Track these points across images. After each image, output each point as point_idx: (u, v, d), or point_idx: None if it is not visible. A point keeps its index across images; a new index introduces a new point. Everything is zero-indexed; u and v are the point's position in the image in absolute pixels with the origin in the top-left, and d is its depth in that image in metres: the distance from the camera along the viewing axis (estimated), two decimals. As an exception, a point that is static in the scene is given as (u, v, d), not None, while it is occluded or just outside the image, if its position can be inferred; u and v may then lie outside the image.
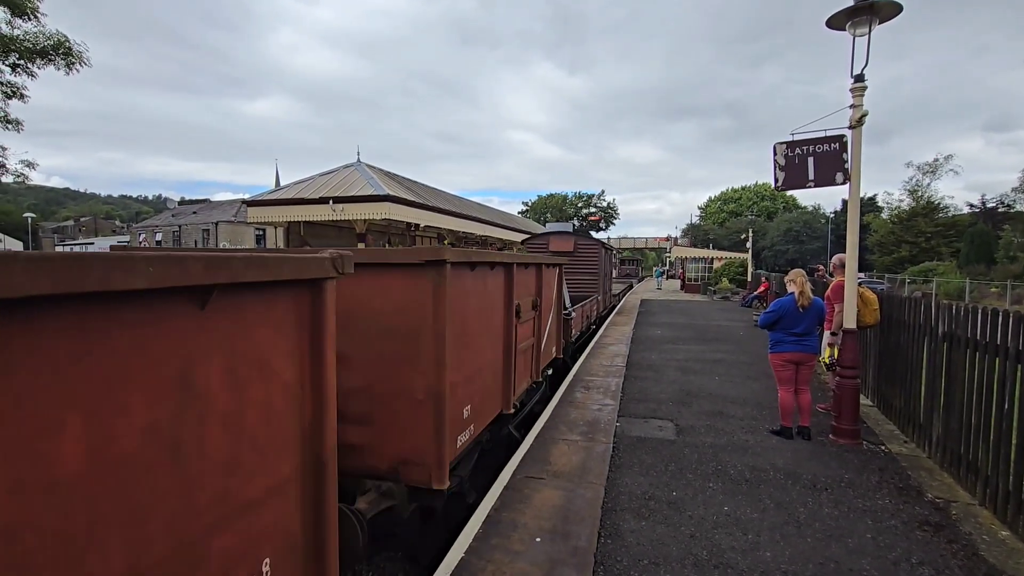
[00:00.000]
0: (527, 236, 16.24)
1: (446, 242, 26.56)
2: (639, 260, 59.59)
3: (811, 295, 5.08)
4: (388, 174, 20.69)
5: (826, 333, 5.72)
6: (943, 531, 3.39)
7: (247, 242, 52.01)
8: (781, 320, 5.09)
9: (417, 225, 19.96)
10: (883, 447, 4.94)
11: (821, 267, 15.18)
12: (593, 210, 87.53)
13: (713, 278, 29.12)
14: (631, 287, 31.44)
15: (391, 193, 16.70)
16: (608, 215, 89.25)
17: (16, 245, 66.26)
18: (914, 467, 4.46)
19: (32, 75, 11.19)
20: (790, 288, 5.19)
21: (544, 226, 59.38)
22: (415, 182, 23.55)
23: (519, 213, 76.73)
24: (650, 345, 10.70)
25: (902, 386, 5.39)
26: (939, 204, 46.93)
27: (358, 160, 19.72)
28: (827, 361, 5.53)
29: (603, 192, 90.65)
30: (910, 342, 5.19)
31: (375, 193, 16.64)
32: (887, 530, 3.40)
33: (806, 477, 4.22)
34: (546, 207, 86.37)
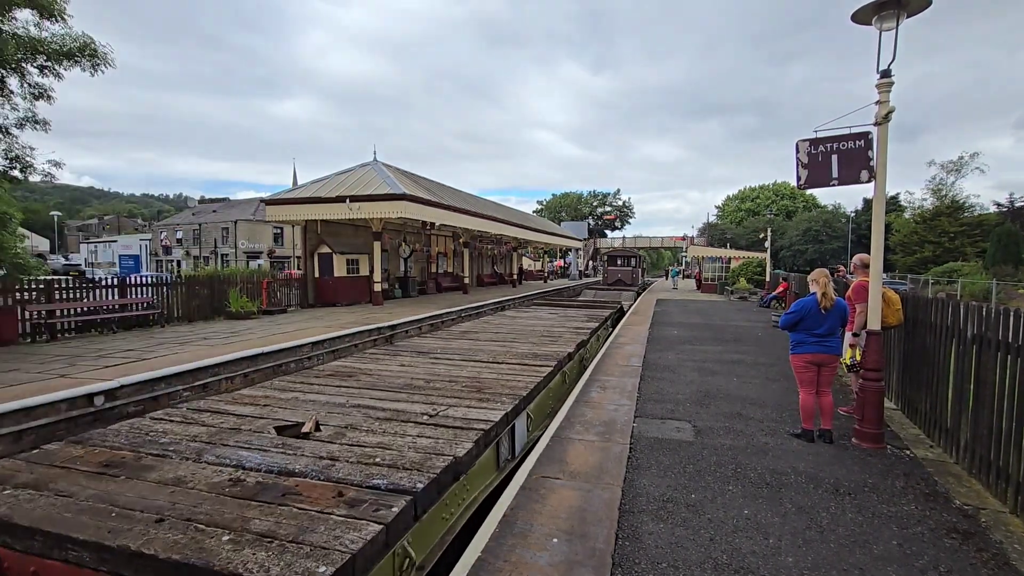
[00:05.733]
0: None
1: (461, 240, 26.64)
2: (640, 257, 39.42)
3: (834, 295, 4.98)
4: (404, 173, 20.79)
5: (847, 334, 5.61)
6: (972, 539, 3.30)
7: (265, 240, 52.70)
8: (803, 320, 5.00)
9: (433, 224, 20.01)
10: (908, 451, 4.82)
11: (842, 267, 14.89)
12: (608, 209, 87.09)
13: (730, 278, 28.78)
14: (619, 312, 17.35)
15: (407, 192, 16.77)
16: (623, 214, 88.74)
17: (43, 243, 67.99)
18: (941, 472, 4.35)
19: (59, 76, 11.43)
20: (812, 288, 5.09)
21: (560, 225, 59.17)
22: (431, 181, 23.63)
23: (533, 212, 76.57)
24: (666, 345, 10.60)
25: (928, 389, 5.26)
26: (964, 203, 45.83)
27: (375, 159, 19.84)
28: (848, 363, 5.42)
29: (618, 191, 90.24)
30: (936, 344, 5.06)
31: (391, 192, 16.71)
32: (913, 537, 3.32)
33: (828, 481, 4.13)
34: (561, 206, 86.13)
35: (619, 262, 35.14)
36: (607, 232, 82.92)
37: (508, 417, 5.30)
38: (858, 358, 5.20)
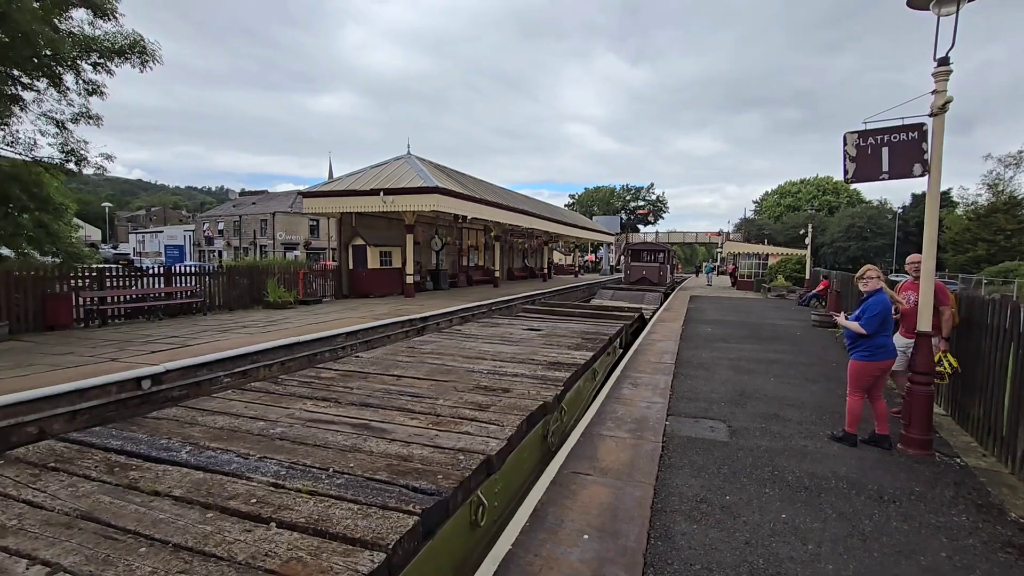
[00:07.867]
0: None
1: (492, 234, 26.68)
2: (669, 252, 30.95)
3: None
4: (437, 166, 20.93)
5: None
6: (1029, 554, 3.12)
7: (302, 232, 54.01)
8: (885, 322, 4.68)
9: (464, 217, 20.13)
10: (958, 460, 4.59)
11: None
12: (641, 203, 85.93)
13: (768, 275, 27.99)
14: (639, 323, 12.63)
15: (440, 185, 16.89)
16: (657, 209, 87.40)
17: (95, 232, 71.44)
18: (995, 483, 4.13)
19: (111, 73, 11.91)
20: (866, 287, 4.80)
21: (591, 219, 58.67)
22: (463, 174, 23.72)
23: (564, 206, 76.11)
24: (700, 342, 10.39)
25: (982, 395, 5.00)
26: (1022, 199, 43.33)
27: (408, 152, 20.03)
28: (949, 371, 5.20)
29: (652, 185, 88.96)
30: (992, 347, 4.79)
31: (424, 185, 16.86)
32: (964, 549, 3.16)
33: (871, 487, 3.97)
34: (592, 200, 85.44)
35: (644, 257, 28.00)
36: (640, 227, 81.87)
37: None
38: (954, 364, 5.05)
